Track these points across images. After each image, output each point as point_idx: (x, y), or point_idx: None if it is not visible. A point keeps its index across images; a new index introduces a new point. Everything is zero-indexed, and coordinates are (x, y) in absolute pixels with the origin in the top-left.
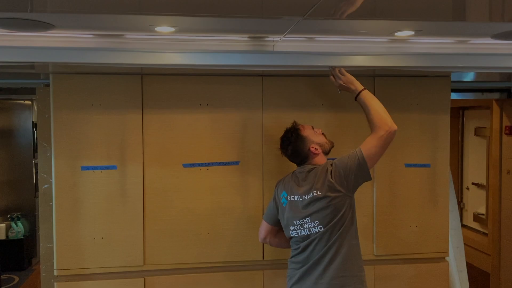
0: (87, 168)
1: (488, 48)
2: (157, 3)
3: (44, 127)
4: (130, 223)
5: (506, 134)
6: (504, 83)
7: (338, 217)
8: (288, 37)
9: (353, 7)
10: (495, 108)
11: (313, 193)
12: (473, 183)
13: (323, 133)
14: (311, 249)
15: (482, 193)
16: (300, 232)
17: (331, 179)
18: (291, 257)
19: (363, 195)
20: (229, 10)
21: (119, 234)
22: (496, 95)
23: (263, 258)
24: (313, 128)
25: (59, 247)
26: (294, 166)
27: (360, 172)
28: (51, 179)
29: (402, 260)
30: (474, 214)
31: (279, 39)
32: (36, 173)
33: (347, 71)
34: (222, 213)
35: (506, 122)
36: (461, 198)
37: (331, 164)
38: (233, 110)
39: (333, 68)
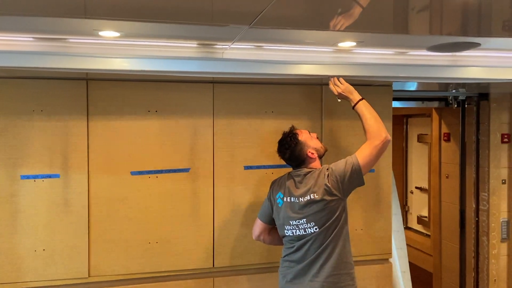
0: (27, 177)
1: (425, 60)
2: (101, 7)
3: None
4: (74, 233)
5: (444, 140)
6: (442, 92)
7: (333, 219)
8: (237, 45)
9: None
10: (435, 116)
11: (310, 196)
12: (416, 187)
13: (317, 138)
14: (307, 248)
15: (425, 196)
16: (296, 232)
17: (328, 184)
18: (284, 256)
19: None
20: (176, 16)
21: (62, 245)
22: (435, 104)
23: (213, 265)
24: (309, 132)
25: None
26: (247, 173)
27: (355, 178)
28: None
29: None
30: (417, 216)
31: (227, 46)
32: None
33: (346, 80)
34: (172, 221)
35: (444, 129)
36: (406, 201)
37: (327, 169)
38: (183, 116)
39: (332, 77)
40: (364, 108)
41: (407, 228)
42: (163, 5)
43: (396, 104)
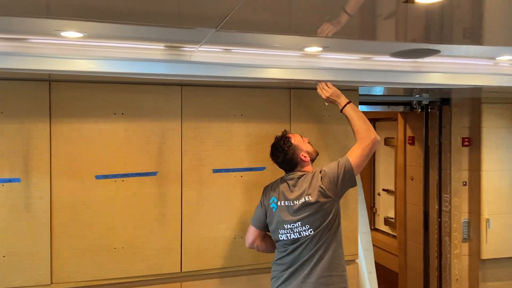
0: None
1: (389, 65)
2: (62, 7)
3: None
4: (36, 239)
5: (409, 144)
6: (407, 97)
7: (327, 221)
8: (205, 48)
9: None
10: (400, 120)
11: (304, 199)
12: (383, 189)
13: (309, 142)
14: (300, 251)
15: (392, 198)
16: (290, 236)
17: (322, 185)
18: (276, 259)
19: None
20: (141, 18)
21: (23, 251)
22: (401, 108)
23: (181, 270)
24: (301, 136)
25: None
26: (216, 177)
27: (348, 179)
28: None
29: None
30: (384, 218)
31: (195, 49)
32: None
33: (334, 85)
34: (138, 226)
35: (409, 133)
36: (374, 203)
37: (320, 171)
38: (151, 119)
39: (320, 82)
40: (352, 111)
41: (374, 229)
42: (128, 6)
43: (363, 108)
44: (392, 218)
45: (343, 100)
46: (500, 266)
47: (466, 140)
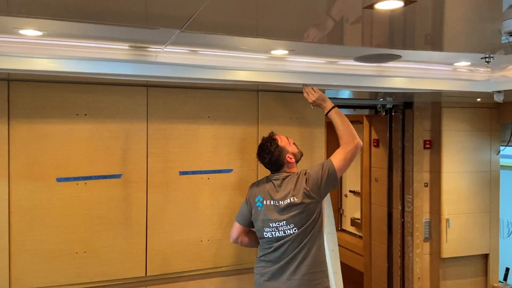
0: None
1: (354, 69)
2: (21, 4)
3: None
4: None
5: (374, 146)
6: (372, 100)
7: (310, 220)
8: (170, 49)
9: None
10: (366, 123)
11: (290, 199)
12: (350, 191)
13: (294, 143)
14: (285, 248)
15: (358, 199)
16: (275, 234)
17: (307, 187)
18: (261, 256)
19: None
20: (103, 17)
21: None
22: (366, 112)
23: (146, 274)
24: (287, 138)
25: None
26: (183, 179)
27: (331, 180)
28: None
29: None
30: (351, 219)
31: (161, 49)
32: None
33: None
34: (101, 230)
35: (374, 136)
36: (341, 204)
37: (305, 173)
38: (115, 120)
39: (306, 85)
40: (336, 115)
41: (341, 230)
42: (89, 4)
43: None
44: (358, 219)
45: (328, 104)
46: (459, 265)
47: (428, 142)
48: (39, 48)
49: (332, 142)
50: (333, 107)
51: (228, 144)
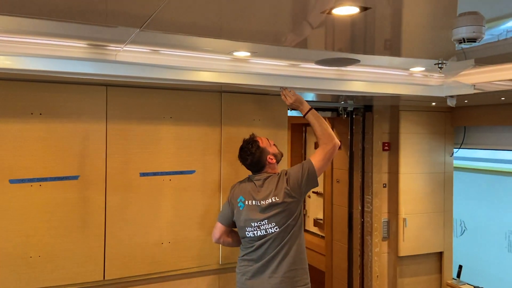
0: None
1: (315, 72)
2: None
3: None
4: None
5: None
6: (334, 103)
7: (291, 219)
8: (131, 48)
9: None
10: (328, 125)
11: (272, 199)
12: (313, 192)
13: (274, 144)
14: (266, 247)
15: (321, 200)
16: (257, 233)
17: (287, 187)
18: (243, 255)
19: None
20: (58, 13)
21: None
22: (329, 114)
23: (104, 278)
24: (268, 139)
25: None
26: (143, 180)
27: (311, 179)
28: None
29: None
30: (314, 219)
31: (120, 48)
32: None
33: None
34: (57, 233)
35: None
36: (304, 205)
37: (286, 174)
38: (72, 120)
39: (283, 88)
40: (313, 117)
41: (304, 230)
42: (46, 0)
43: (293, 113)
44: (321, 220)
45: (305, 106)
46: (415, 263)
47: (386, 144)
48: None
49: (295, 143)
50: (310, 109)
51: (191, 145)
